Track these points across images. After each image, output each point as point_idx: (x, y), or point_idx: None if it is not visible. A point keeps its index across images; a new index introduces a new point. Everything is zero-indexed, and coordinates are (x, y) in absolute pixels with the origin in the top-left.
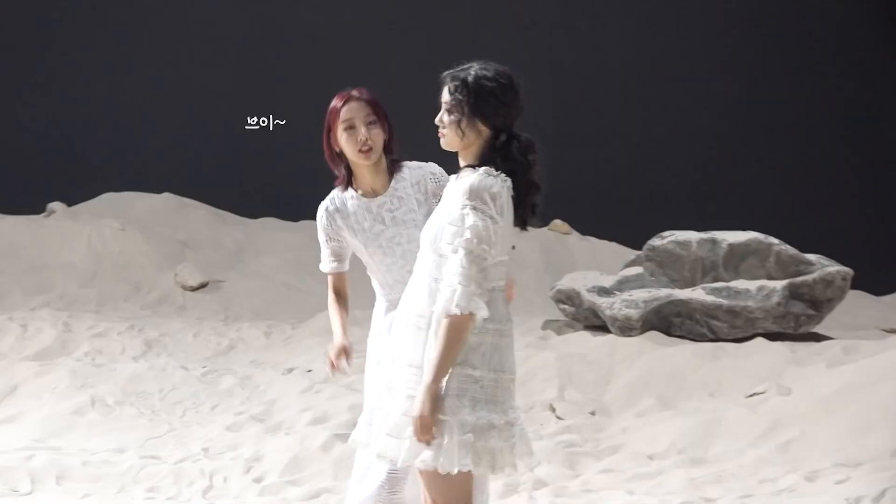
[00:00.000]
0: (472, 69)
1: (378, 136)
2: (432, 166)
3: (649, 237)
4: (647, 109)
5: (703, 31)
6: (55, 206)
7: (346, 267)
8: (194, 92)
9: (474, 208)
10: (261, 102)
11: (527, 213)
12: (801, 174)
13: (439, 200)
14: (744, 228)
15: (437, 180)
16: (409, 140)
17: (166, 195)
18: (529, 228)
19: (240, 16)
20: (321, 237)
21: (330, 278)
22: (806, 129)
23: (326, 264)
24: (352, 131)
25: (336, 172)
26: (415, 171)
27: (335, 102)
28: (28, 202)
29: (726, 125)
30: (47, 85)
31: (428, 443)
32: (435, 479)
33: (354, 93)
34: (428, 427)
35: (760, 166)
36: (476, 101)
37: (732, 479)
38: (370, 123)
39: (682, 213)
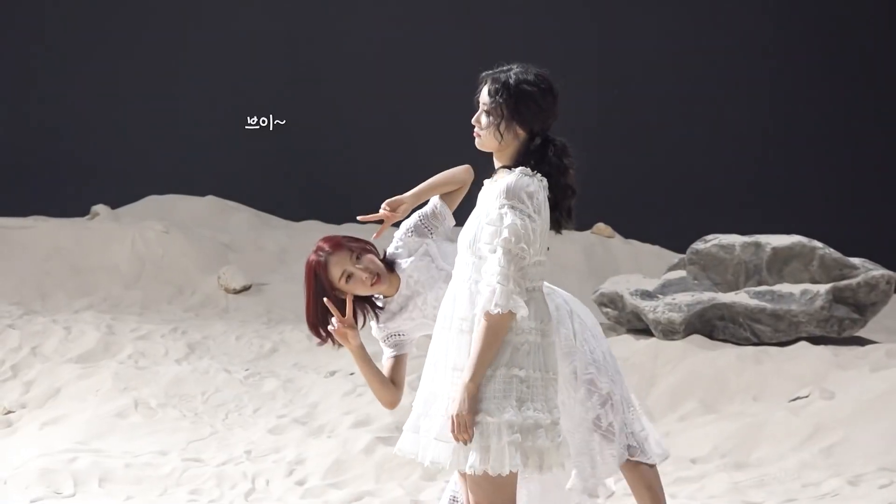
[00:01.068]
0: (513, 72)
1: (372, 261)
2: (400, 234)
3: (692, 241)
4: (691, 112)
5: (746, 33)
6: (99, 208)
7: (406, 350)
8: (238, 95)
9: (512, 207)
10: (305, 106)
11: (562, 216)
12: (846, 177)
13: (433, 231)
14: (787, 232)
15: (414, 229)
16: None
17: (210, 198)
18: (572, 232)
19: (284, 20)
20: (381, 343)
21: (389, 362)
22: (850, 132)
23: (385, 358)
24: (351, 278)
25: (319, 337)
26: (401, 249)
27: (314, 270)
28: (72, 205)
29: (769, 128)
30: (91, 88)
31: (465, 442)
32: (480, 482)
33: (326, 248)
34: (465, 426)
35: (805, 169)
36: (516, 105)
37: (775, 484)
38: (357, 259)
39: (726, 216)
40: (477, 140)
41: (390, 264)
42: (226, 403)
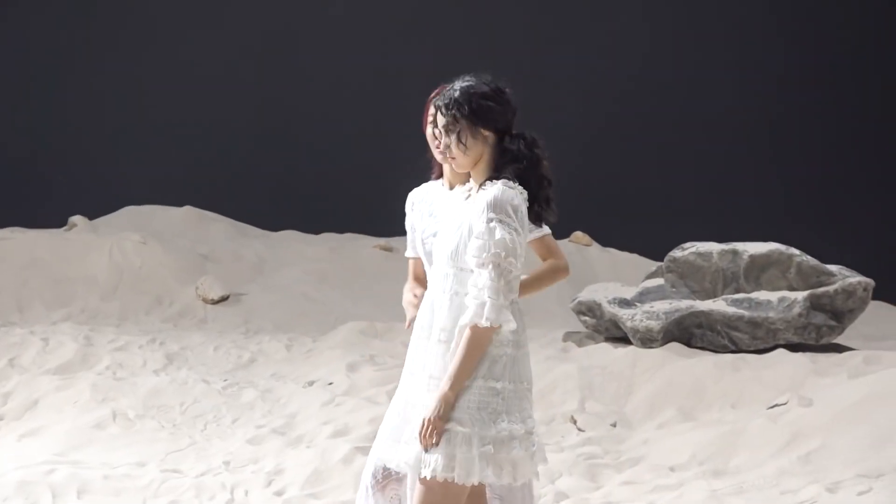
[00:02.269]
0: (455, 86)
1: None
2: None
3: (670, 248)
4: (669, 121)
5: (728, 44)
6: (76, 219)
7: (415, 254)
8: (215, 105)
9: (500, 221)
10: (282, 116)
11: (542, 208)
12: (823, 185)
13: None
14: (765, 240)
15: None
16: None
17: (187, 208)
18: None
19: (260, 31)
20: (407, 223)
21: (410, 263)
22: (826, 140)
23: (410, 250)
24: (436, 129)
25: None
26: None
27: (433, 96)
28: (49, 216)
29: (747, 137)
30: (68, 99)
31: (430, 446)
32: (433, 488)
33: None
34: (434, 431)
35: (782, 177)
36: (471, 111)
37: (754, 491)
38: None
39: (703, 224)
40: (453, 164)
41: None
42: (204, 414)
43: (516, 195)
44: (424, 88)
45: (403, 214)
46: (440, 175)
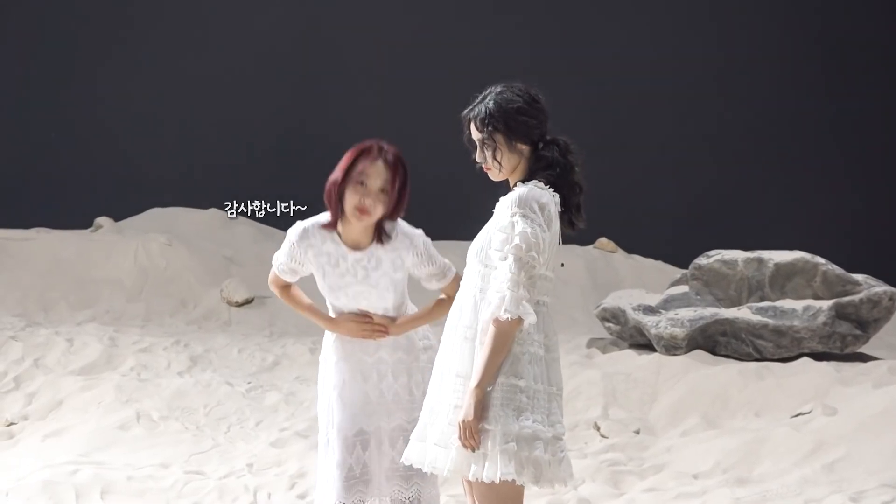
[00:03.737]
0: (489, 97)
1: (381, 208)
2: (419, 238)
3: (695, 256)
4: (694, 128)
5: (747, 50)
6: (102, 221)
7: (295, 279)
8: (242, 109)
9: (523, 216)
10: (309, 119)
11: (572, 214)
12: (849, 193)
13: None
14: (790, 248)
15: (418, 253)
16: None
17: (212, 211)
18: (575, 246)
19: (290, 36)
20: (285, 250)
21: (276, 277)
22: (854, 148)
23: (284, 273)
24: (361, 188)
25: (328, 209)
26: (401, 239)
27: (365, 150)
28: (75, 217)
29: (773, 143)
30: (94, 101)
31: (473, 449)
32: (485, 493)
33: (387, 150)
34: (472, 432)
35: (807, 185)
36: (507, 125)
37: (777, 499)
38: (382, 191)
39: (729, 231)
40: (490, 175)
41: (387, 228)
42: (228, 416)
43: (545, 194)
44: (453, 97)
45: (432, 218)
46: (334, 226)
